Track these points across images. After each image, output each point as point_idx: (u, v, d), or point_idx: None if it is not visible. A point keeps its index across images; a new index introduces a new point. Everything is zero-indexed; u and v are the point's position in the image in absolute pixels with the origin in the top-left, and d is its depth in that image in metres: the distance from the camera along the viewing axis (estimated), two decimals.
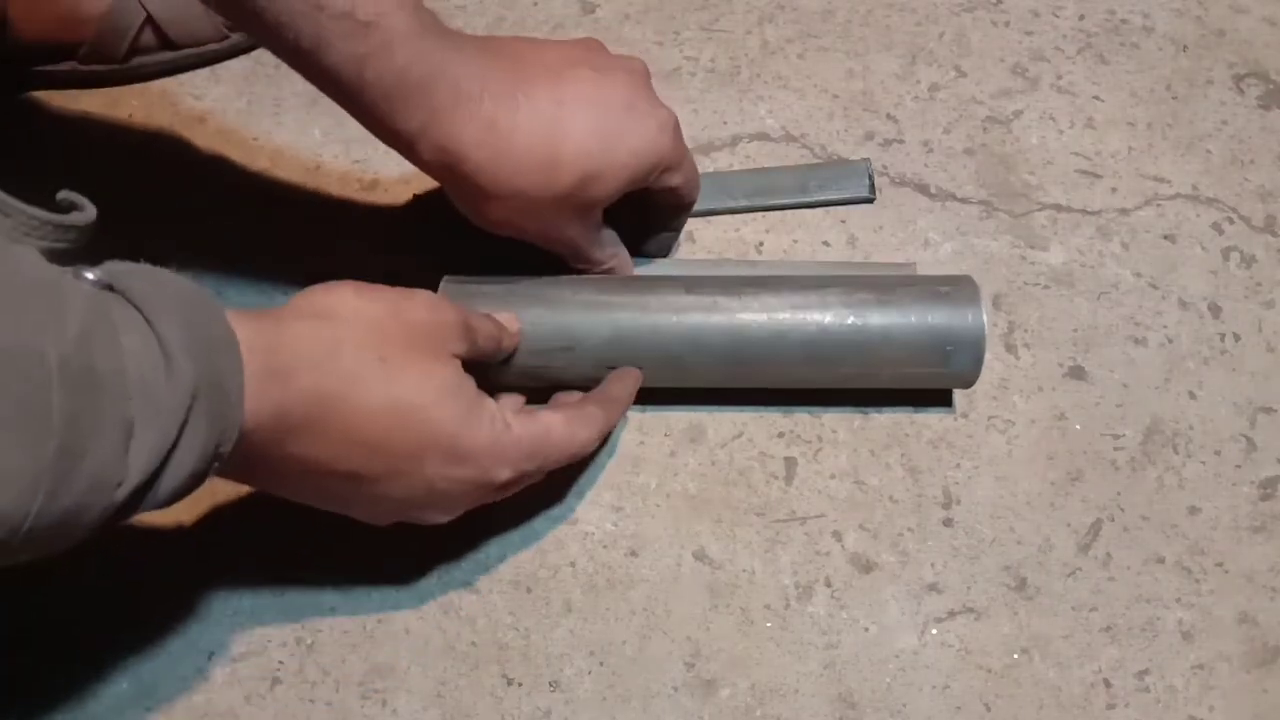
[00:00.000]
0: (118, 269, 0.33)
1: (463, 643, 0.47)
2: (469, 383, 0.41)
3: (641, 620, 0.47)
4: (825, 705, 0.46)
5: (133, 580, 0.48)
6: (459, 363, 0.42)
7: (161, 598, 0.48)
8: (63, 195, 0.33)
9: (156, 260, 0.32)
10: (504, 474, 0.42)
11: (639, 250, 0.53)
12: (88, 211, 0.33)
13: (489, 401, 0.42)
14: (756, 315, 0.47)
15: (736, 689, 0.46)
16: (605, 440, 0.49)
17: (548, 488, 0.50)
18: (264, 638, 0.47)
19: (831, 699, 0.46)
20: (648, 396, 0.51)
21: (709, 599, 0.48)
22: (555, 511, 0.50)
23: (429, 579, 0.48)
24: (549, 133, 0.43)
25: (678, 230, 0.56)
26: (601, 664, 0.47)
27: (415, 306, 0.41)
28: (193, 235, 0.56)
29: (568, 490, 0.50)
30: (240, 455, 0.34)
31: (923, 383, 0.50)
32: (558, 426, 0.44)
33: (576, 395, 0.49)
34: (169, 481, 0.32)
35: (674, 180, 0.49)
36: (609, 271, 0.51)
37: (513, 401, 0.49)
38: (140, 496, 0.31)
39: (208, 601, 0.48)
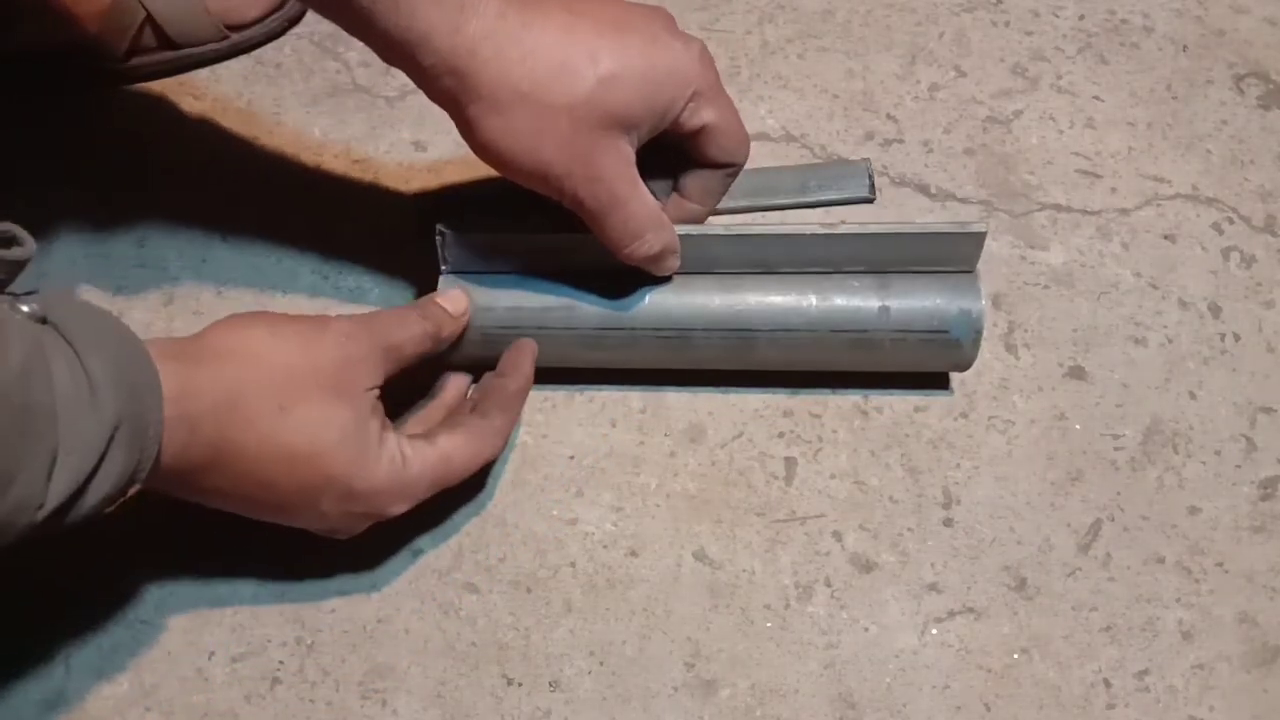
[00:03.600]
0: (53, 300, 0.34)
1: (463, 643, 0.47)
2: (372, 422, 0.42)
3: (641, 620, 0.47)
4: (825, 705, 0.46)
5: (132, 580, 0.48)
6: (371, 396, 0.42)
7: (161, 598, 0.48)
8: (3, 228, 0.34)
9: (156, 259, 0.32)
10: (400, 508, 0.43)
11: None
12: (28, 246, 0.34)
13: (390, 439, 0.42)
14: (760, 291, 0.48)
15: (736, 689, 0.46)
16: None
17: (548, 488, 0.50)
18: (264, 638, 0.47)
19: (831, 699, 0.46)
20: (650, 379, 0.51)
21: (709, 599, 0.48)
22: (555, 511, 0.50)
23: (429, 579, 0.48)
24: (560, 36, 0.41)
25: (710, 203, 0.49)
26: (601, 664, 0.47)
27: (326, 345, 0.41)
28: (192, 234, 0.56)
29: (567, 490, 0.50)
30: (154, 479, 0.37)
31: (924, 355, 0.49)
32: (459, 453, 0.44)
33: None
34: (86, 504, 0.34)
35: (708, 115, 0.44)
36: (653, 260, 0.46)
37: (451, 397, 0.49)
38: (60, 517, 0.33)
39: (208, 602, 0.48)
